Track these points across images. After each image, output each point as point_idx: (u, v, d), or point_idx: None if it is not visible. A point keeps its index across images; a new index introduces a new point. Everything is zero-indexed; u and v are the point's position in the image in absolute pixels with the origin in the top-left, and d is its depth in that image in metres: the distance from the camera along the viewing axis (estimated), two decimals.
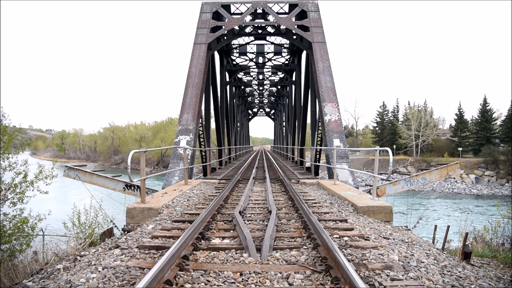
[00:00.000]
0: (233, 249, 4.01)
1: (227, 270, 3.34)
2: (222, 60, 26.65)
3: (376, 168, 7.34)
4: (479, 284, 3.34)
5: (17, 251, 7.95)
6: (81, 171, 9.30)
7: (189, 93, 14.98)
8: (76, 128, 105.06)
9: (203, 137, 17.64)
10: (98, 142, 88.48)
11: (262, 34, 20.62)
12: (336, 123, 13.83)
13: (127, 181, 9.03)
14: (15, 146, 10.11)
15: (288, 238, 4.47)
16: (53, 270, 3.80)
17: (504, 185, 36.37)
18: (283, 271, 3.32)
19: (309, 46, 16.70)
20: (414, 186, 9.77)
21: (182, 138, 13.90)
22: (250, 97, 47.98)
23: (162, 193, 8.36)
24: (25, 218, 8.63)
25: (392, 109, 63.62)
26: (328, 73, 15.07)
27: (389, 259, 3.67)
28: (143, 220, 6.19)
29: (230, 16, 17.72)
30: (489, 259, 5.12)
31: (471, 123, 54.61)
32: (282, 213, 6.04)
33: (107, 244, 4.63)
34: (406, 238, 4.86)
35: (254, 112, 64.13)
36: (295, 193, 7.19)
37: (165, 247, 4.02)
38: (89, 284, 3.07)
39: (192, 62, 15.84)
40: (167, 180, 12.36)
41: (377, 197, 7.40)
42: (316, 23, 16.52)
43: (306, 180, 11.56)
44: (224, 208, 6.51)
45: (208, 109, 19.84)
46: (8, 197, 8.85)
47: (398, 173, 43.87)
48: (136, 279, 3.14)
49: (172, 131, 61.46)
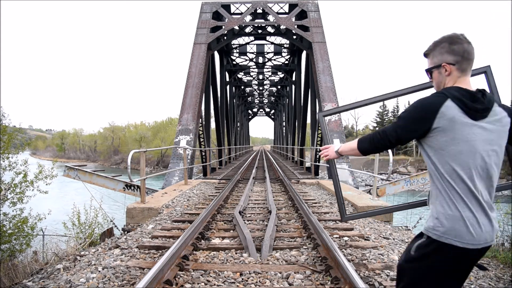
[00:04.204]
0: (233, 249, 4.01)
1: (227, 270, 3.33)
2: (222, 60, 26.64)
3: (376, 168, 7.34)
4: (479, 284, 3.34)
5: (17, 251, 7.93)
6: (81, 171, 9.28)
7: (189, 93, 14.98)
8: (76, 128, 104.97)
9: (203, 137, 17.64)
10: (98, 142, 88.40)
11: (262, 34, 20.63)
12: (336, 123, 13.83)
13: (127, 181, 9.01)
14: (15, 146, 10.10)
15: (288, 238, 4.47)
16: (53, 270, 3.80)
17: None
18: (283, 271, 3.32)
19: (309, 46, 16.69)
20: (414, 186, 9.76)
21: (182, 138, 13.90)
22: (250, 97, 47.97)
23: (162, 193, 8.36)
24: (25, 218, 8.62)
25: (392, 109, 63.61)
26: (328, 73, 15.07)
27: (389, 259, 3.67)
28: (143, 220, 6.19)
29: (230, 16, 17.71)
30: (489, 259, 5.11)
31: None
32: (282, 213, 6.04)
33: (107, 244, 4.63)
34: (406, 238, 4.86)
35: (254, 112, 64.12)
36: (295, 193, 7.19)
37: (165, 247, 4.02)
38: (89, 284, 3.07)
39: (192, 62, 15.84)
40: (167, 180, 12.35)
41: (377, 197, 7.40)
42: (316, 23, 16.52)
43: (306, 180, 11.56)
44: (224, 208, 6.51)
45: (208, 109, 19.83)
46: (8, 197, 8.84)
47: (398, 173, 43.84)
48: (136, 279, 3.14)
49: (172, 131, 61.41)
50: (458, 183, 1.46)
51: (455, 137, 1.46)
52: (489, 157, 1.48)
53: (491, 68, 1.95)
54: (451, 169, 1.47)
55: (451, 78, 1.57)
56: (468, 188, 1.45)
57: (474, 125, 1.46)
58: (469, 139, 1.46)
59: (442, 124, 1.46)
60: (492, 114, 1.50)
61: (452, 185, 1.47)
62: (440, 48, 1.58)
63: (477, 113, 1.47)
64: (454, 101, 1.47)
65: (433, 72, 1.62)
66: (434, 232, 1.47)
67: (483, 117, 1.48)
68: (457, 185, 1.46)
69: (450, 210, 1.46)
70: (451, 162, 1.47)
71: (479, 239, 1.44)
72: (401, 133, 1.55)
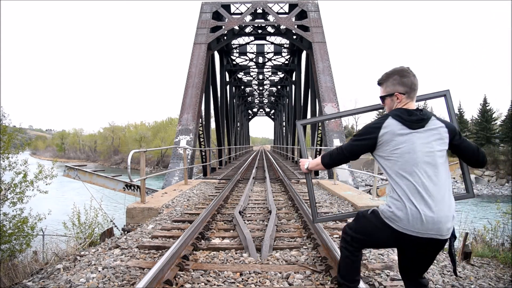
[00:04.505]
0: (233, 249, 4.01)
1: (227, 270, 3.33)
2: (222, 60, 26.64)
3: (376, 168, 7.34)
4: (479, 284, 3.34)
5: (17, 251, 7.93)
6: (81, 171, 9.28)
7: (189, 93, 14.98)
8: (76, 128, 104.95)
9: (203, 137, 17.64)
10: (98, 142, 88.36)
11: (262, 34, 20.63)
12: (336, 123, 13.83)
13: (127, 181, 9.01)
14: (15, 146, 10.10)
15: (288, 238, 4.47)
16: (53, 270, 3.80)
17: (504, 185, 36.37)
18: (283, 271, 3.31)
19: (309, 46, 16.69)
20: None
21: (182, 138, 13.90)
22: (250, 97, 47.96)
23: (162, 193, 8.35)
24: (25, 218, 8.62)
25: None
26: (328, 73, 15.07)
27: (389, 259, 3.67)
28: (143, 220, 6.19)
29: (230, 16, 17.71)
30: (489, 259, 5.11)
31: (471, 123, 54.54)
32: (282, 213, 6.04)
33: (107, 244, 4.63)
34: None
35: (254, 112, 64.10)
36: (295, 193, 7.19)
37: (165, 247, 4.02)
38: (89, 284, 3.07)
39: (192, 62, 15.83)
40: (167, 180, 12.35)
41: (377, 197, 7.40)
42: (316, 23, 16.51)
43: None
44: (224, 208, 6.51)
45: (208, 109, 19.83)
46: (8, 197, 8.84)
47: None
48: (136, 279, 3.14)
49: (172, 131, 61.38)
50: (403, 181, 1.80)
51: (397, 144, 1.82)
52: (428, 157, 1.80)
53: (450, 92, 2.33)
54: (397, 171, 1.82)
55: (400, 104, 1.93)
56: (409, 183, 1.78)
57: (411, 133, 1.82)
58: (407, 144, 1.81)
59: (385, 136, 1.84)
60: (429, 125, 1.85)
61: (398, 183, 1.81)
62: (392, 80, 1.94)
63: (413, 123, 1.83)
64: (394, 117, 1.85)
65: (386, 99, 1.99)
66: (383, 214, 1.88)
67: (420, 126, 1.84)
68: (402, 183, 1.80)
69: (395, 198, 1.82)
70: (396, 165, 1.83)
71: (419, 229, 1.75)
72: (355, 148, 1.96)
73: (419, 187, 1.76)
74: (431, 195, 1.75)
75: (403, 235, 1.80)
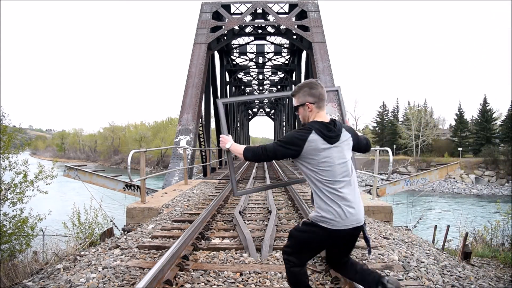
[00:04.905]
0: (233, 249, 4.01)
1: (227, 270, 3.33)
2: (222, 60, 26.64)
3: (376, 168, 7.34)
4: (479, 284, 3.34)
5: (17, 251, 7.92)
6: (81, 171, 9.28)
7: (189, 93, 14.98)
8: (76, 128, 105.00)
9: (203, 137, 17.64)
10: (98, 142, 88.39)
11: (262, 34, 20.64)
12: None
13: (127, 181, 9.00)
14: (15, 146, 10.09)
15: None
16: (53, 270, 3.80)
17: (504, 185, 36.32)
18: (283, 271, 3.31)
19: (309, 46, 16.69)
20: (414, 186, 9.75)
21: (182, 138, 13.90)
22: None
23: (162, 193, 8.35)
24: (25, 218, 8.61)
25: (392, 109, 63.56)
26: (328, 73, 15.07)
27: (389, 259, 3.67)
28: (143, 220, 6.19)
29: (230, 16, 17.72)
30: (489, 259, 5.11)
31: (471, 123, 54.53)
32: (282, 213, 6.05)
33: (107, 244, 4.63)
34: (406, 238, 4.85)
35: (254, 112, 64.05)
36: (295, 193, 7.19)
37: (165, 247, 4.02)
38: (89, 284, 3.07)
39: (192, 62, 15.84)
40: (167, 180, 12.35)
41: (377, 197, 7.40)
42: (316, 23, 16.51)
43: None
44: (224, 208, 6.51)
45: (208, 109, 19.83)
46: (8, 197, 8.84)
47: (398, 173, 43.83)
48: (136, 279, 3.14)
49: (172, 131, 61.38)
50: (327, 187, 2.10)
51: (319, 157, 2.10)
52: (344, 167, 2.13)
53: (341, 88, 2.97)
54: (321, 179, 2.11)
55: (312, 113, 2.21)
56: (334, 190, 2.09)
57: (331, 147, 2.11)
58: (329, 157, 2.10)
59: (309, 149, 2.10)
60: (342, 138, 2.16)
61: (322, 189, 2.11)
62: (303, 91, 2.22)
63: (332, 139, 2.12)
64: (317, 132, 2.11)
65: (299, 108, 2.27)
66: (314, 219, 2.14)
67: (336, 141, 2.14)
68: (326, 188, 2.10)
69: (324, 205, 2.10)
70: (320, 174, 2.11)
71: (346, 223, 2.08)
72: (278, 152, 2.19)
73: (340, 192, 2.09)
74: (349, 196, 2.10)
75: (335, 231, 2.09)
